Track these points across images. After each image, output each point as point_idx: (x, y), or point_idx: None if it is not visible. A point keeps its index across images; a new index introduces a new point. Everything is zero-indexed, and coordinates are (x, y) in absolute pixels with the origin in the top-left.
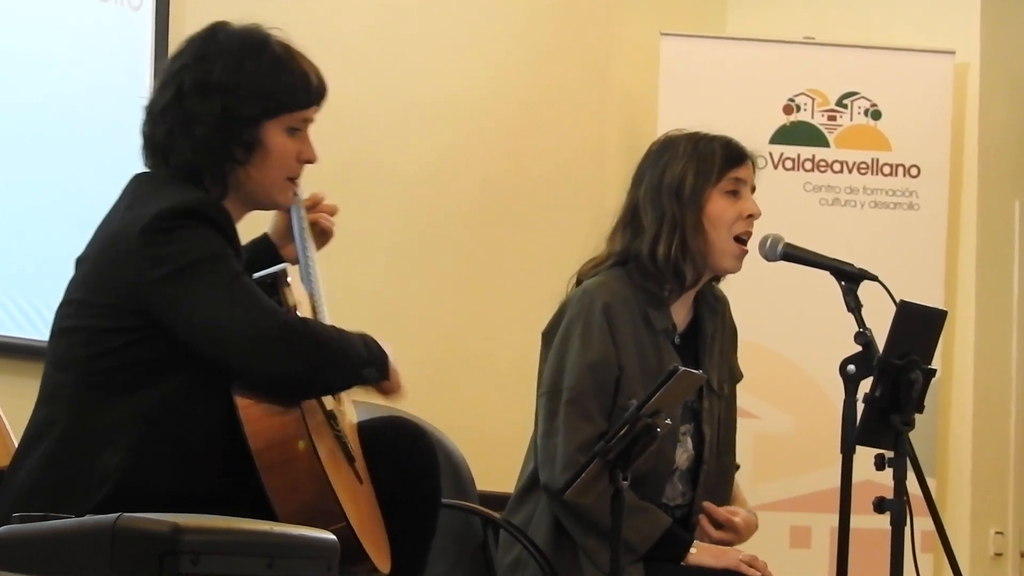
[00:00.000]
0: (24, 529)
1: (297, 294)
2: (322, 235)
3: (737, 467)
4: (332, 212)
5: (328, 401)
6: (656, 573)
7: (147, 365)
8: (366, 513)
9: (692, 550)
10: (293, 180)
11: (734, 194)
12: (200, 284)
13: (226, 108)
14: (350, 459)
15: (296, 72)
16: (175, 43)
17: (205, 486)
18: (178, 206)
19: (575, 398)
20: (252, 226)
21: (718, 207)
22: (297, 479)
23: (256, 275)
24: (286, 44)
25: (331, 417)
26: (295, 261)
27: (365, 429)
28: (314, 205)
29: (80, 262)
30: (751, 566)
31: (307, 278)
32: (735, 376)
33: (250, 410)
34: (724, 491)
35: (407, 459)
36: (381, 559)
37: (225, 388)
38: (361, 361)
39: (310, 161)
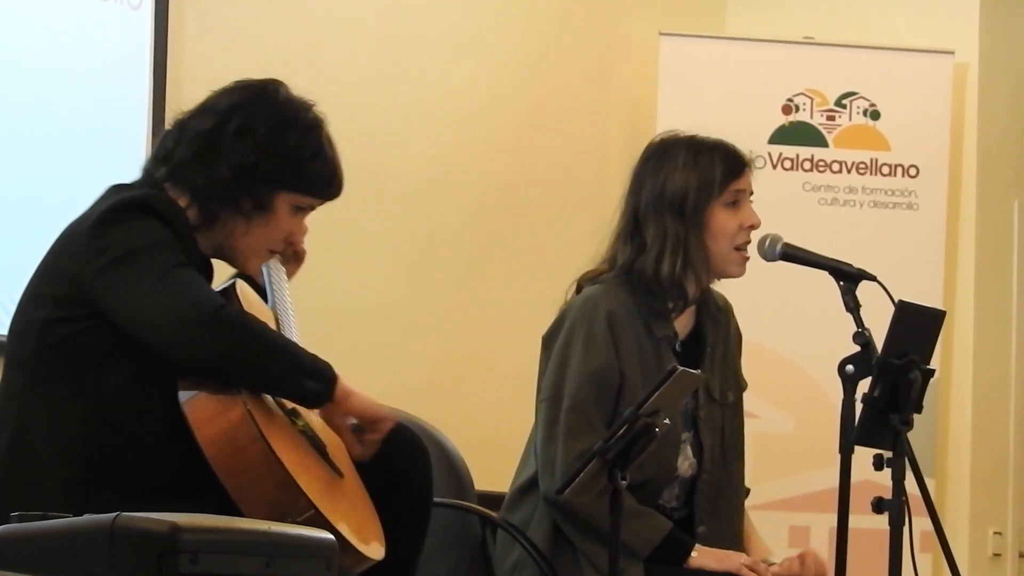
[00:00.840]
0: (22, 528)
1: (253, 308)
2: (295, 257)
3: (747, 492)
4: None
5: (288, 401)
6: (656, 575)
7: (94, 357)
8: (346, 504)
9: (693, 553)
10: (272, 254)
11: (734, 205)
12: (137, 271)
13: (256, 162)
14: (320, 452)
15: (329, 164)
16: (174, 42)
17: (165, 477)
18: (129, 200)
19: (576, 406)
20: None
21: (720, 220)
22: (255, 476)
23: None
24: (330, 136)
25: (292, 414)
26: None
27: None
28: None
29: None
30: (752, 570)
31: (272, 296)
32: (740, 384)
33: (197, 417)
34: (734, 501)
35: (398, 458)
36: (371, 547)
37: (174, 377)
38: (302, 369)
39: (294, 245)
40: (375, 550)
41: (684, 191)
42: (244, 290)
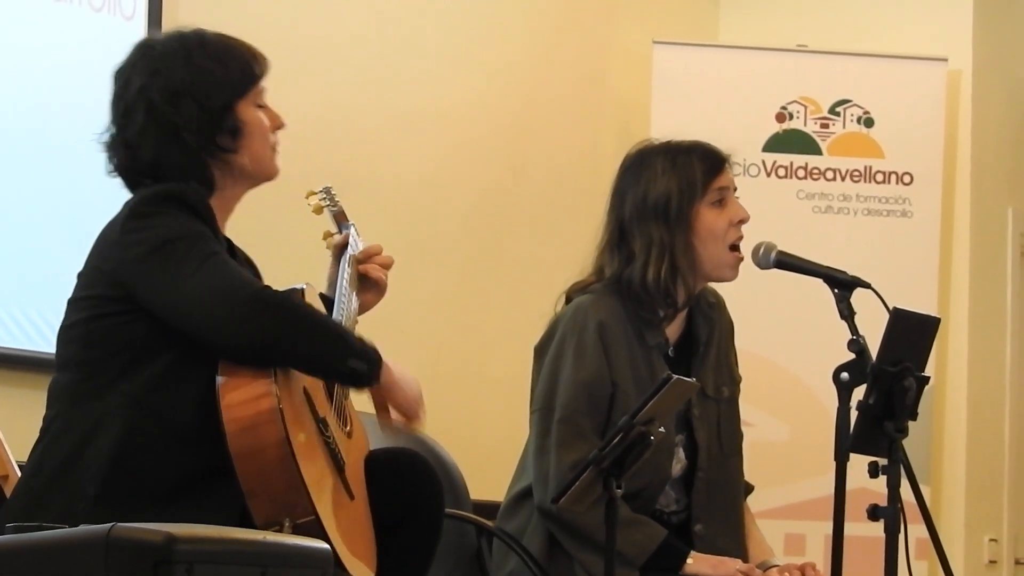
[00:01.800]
0: (18, 539)
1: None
2: (375, 287)
3: (751, 488)
4: (386, 265)
5: (321, 408)
6: None
7: (134, 350)
8: (347, 523)
9: (689, 560)
10: (275, 149)
11: (720, 203)
12: (174, 260)
13: (200, 106)
14: (339, 467)
15: (240, 49)
16: None
17: (199, 464)
18: (155, 192)
19: (568, 416)
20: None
21: (708, 221)
22: (268, 467)
23: None
24: (214, 32)
25: (321, 423)
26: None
27: (373, 458)
28: (367, 257)
29: (78, 274)
30: None
31: (337, 320)
32: (735, 377)
33: (229, 396)
34: (732, 497)
35: (411, 487)
36: (361, 572)
37: (211, 367)
38: (349, 349)
39: (280, 127)
40: (361, 574)
41: (667, 196)
42: (312, 297)
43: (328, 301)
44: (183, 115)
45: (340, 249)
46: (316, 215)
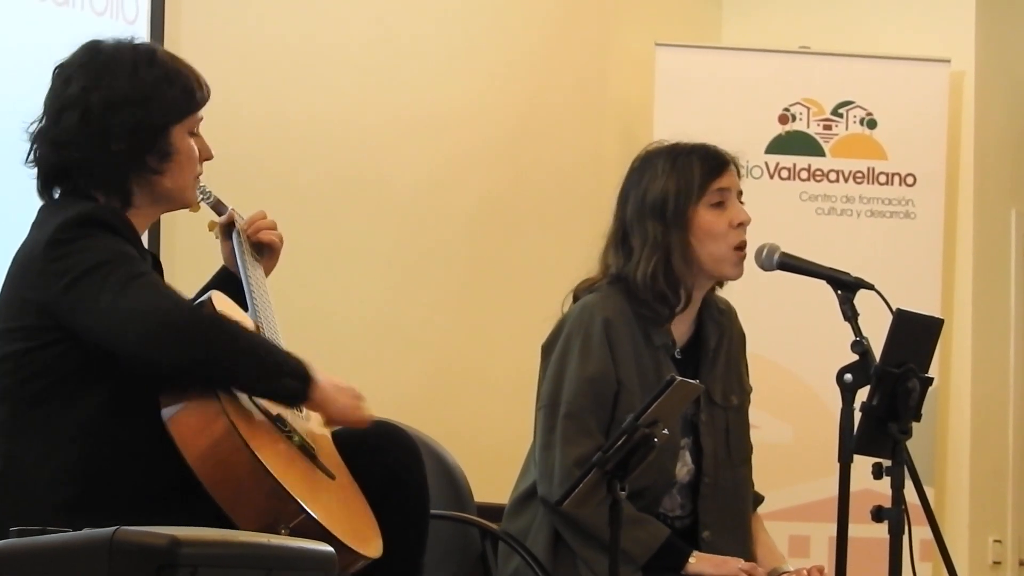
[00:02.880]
0: (22, 543)
1: (235, 317)
2: (270, 253)
3: (760, 499)
4: (272, 227)
5: (273, 407)
6: None
7: (75, 378)
8: (338, 504)
9: (691, 559)
10: (197, 178)
11: (720, 205)
12: (101, 285)
13: (137, 120)
14: (310, 455)
15: (186, 76)
16: None
17: (160, 485)
18: (76, 216)
19: (572, 412)
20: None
21: (706, 222)
22: (244, 486)
23: None
24: (166, 51)
25: (279, 420)
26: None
27: (344, 436)
28: (253, 225)
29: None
30: (750, 575)
31: (252, 303)
32: (745, 388)
33: (182, 434)
34: (741, 506)
35: (390, 457)
36: (366, 545)
37: (158, 385)
38: (280, 367)
39: (208, 158)
40: (371, 548)
41: (664, 195)
42: (221, 301)
43: (232, 277)
44: (117, 126)
45: (228, 227)
46: (210, 231)
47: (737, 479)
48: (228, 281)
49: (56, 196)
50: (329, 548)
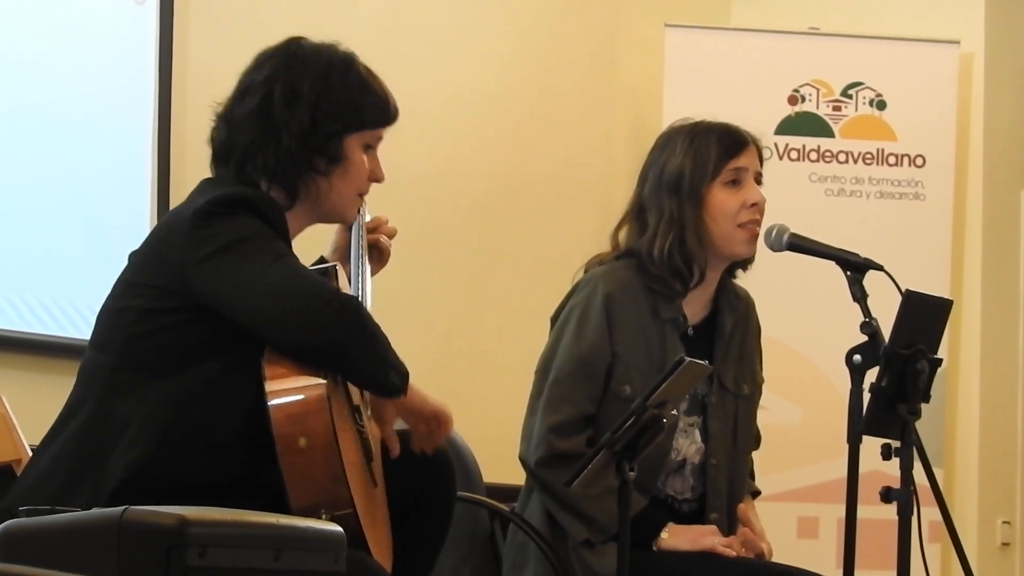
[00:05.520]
0: (31, 523)
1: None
2: (380, 257)
3: (758, 492)
4: (391, 235)
5: (355, 396)
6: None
7: (183, 350)
8: (374, 513)
9: (664, 534)
10: (362, 196)
11: (735, 183)
12: (246, 257)
13: (314, 120)
14: (368, 457)
15: (378, 91)
16: (180, 38)
17: (225, 478)
18: (230, 195)
19: (559, 379)
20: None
21: (719, 199)
22: (314, 461)
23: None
24: (365, 65)
25: (356, 411)
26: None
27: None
28: (376, 227)
29: (133, 254)
30: (729, 548)
31: (357, 291)
32: (757, 379)
33: (276, 391)
34: (737, 490)
35: (424, 470)
36: (383, 560)
37: (256, 379)
38: (392, 363)
39: (379, 180)
40: (384, 562)
41: (680, 172)
42: (341, 276)
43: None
44: (293, 120)
45: None
46: None
47: (739, 467)
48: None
49: (228, 175)
50: (338, 528)
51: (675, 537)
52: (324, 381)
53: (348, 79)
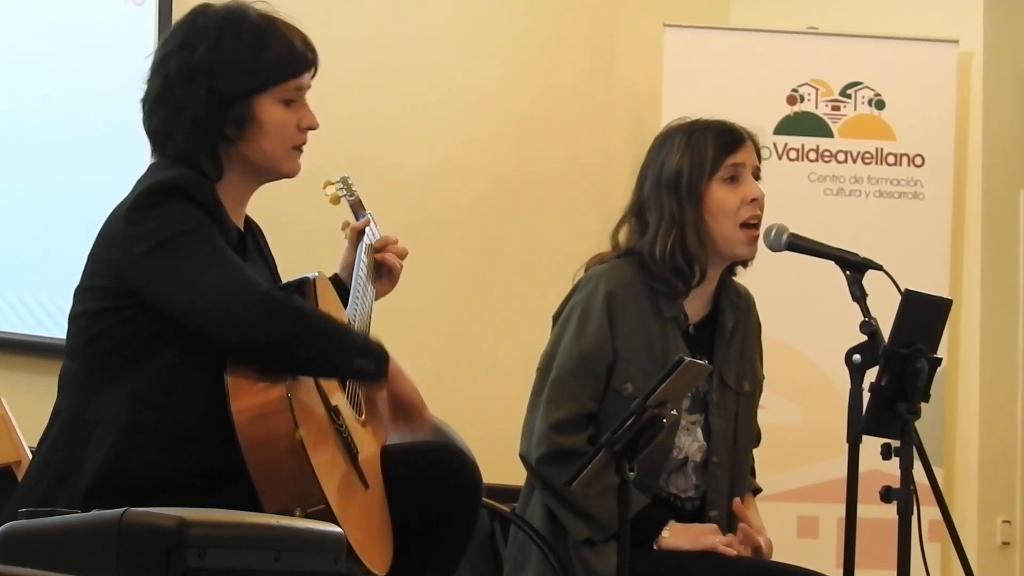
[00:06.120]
0: (30, 524)
1: (328, 306)
2: (389, 275)
3: (759, 490)
4: (401, 255)
5: (334, 397)
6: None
7: (138, 344)
8: (359, 511)
9: (665, 533)
10: (298, 148)
11: (733, 180)
12: (177, 257)
13: (211, 89)
14: (352, 456)
15: (279, 43)
16: None
17: (199, 466)
18: (158, 184)
19: (561, 377)
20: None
21: (718, 197)
22: (277, 456)
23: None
24: (268, 15)
25: (334, 411)
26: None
27: (412, 451)
28: (383, 246)
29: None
30: (729, 547)
31: (352, 313)
32: (758, 377)
33: (237, 387)
34: (738, 487)
35: (451, 489)
36: (375, 560)
37: (216, 366)
38: (355, 349)
39: (312, 127)
40: (376, 563)
41: (678, 171)
42: (324, 287)
43: (342, 286)
44: (190, 94)
45: (358, 235)
46: (333, 205)
47: (739, 465)
48: (337, 288)
49: (162, 160)
50: (338, 529)
51: (676, 536)
52: (284, 381)
53: (241, 40)
